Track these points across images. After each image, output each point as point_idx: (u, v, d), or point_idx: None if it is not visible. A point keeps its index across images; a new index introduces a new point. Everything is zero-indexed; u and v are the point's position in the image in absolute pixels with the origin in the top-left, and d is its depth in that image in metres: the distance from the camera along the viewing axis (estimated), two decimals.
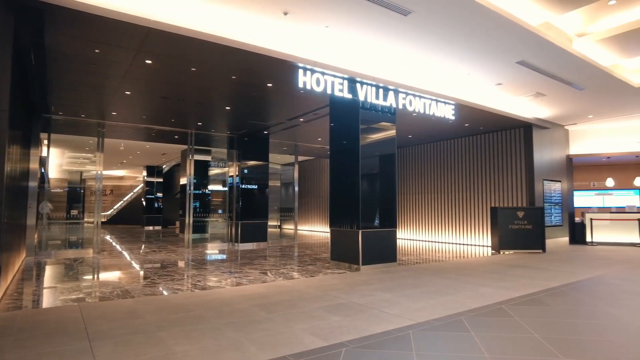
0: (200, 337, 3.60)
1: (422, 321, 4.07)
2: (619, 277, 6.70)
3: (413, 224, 14.51)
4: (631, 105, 10.20)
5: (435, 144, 13.78)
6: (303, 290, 5.59)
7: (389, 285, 5.92)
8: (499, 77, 7.94)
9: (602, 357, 3.11)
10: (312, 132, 11.67)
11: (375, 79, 7.24)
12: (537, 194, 11.11)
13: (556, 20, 6.56)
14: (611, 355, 3.15)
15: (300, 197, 18.45)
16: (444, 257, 9.39)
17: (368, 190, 7.63)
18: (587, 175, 16.29)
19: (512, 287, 5.76)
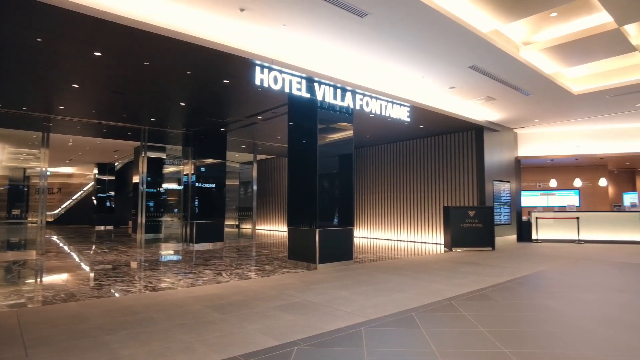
0: (148, 339, 3.48)
1: (375, 318, 4.15)
2: (559, 272, 7.12)
3: (370, 223, 14.76)
4: (571, 111, 10.87)
5: (391, 145, 14.08)
6: (258, 290, 5.54)
7: (345, 283, 5.98)
8: (452, 80, 8.22)
9: (540, 347, 3.29)
10: (271, 131, 11.60)
11: (333, 79, 7.30)
12: (487, 194, 11.61)
13: (504, 28, 6.88)
14: (549, 345, 3.34)
15: (259, 196, 18.29)
16: (399, 255, 9.61)
17: (326, 189, 7.68)
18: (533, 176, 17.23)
19: (462, 284, 5.99)
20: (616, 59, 8.27)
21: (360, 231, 15.08)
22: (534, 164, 16.18)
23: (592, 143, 13.38)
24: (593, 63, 8.55)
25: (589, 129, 13.32)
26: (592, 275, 6.80)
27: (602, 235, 12.56)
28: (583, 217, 12.76)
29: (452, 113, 10.00)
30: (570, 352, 3.18)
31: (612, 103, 10.07)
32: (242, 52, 5.98)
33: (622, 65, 8.60)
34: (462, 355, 3.13)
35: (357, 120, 9.63)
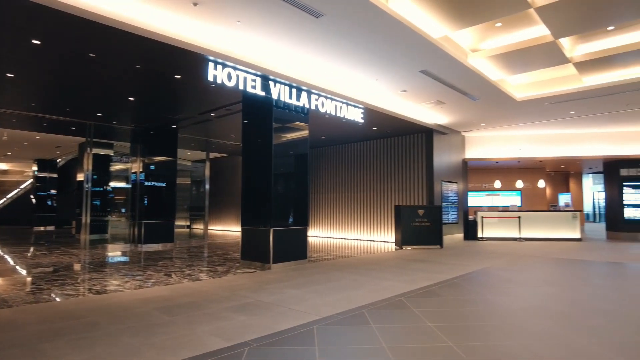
0: (91, 345, 3.32)
1: (327, 315, 4.19)
2: (501, 268, 7.53)
3: (325, 222, 14.88)
4: (514, 116, 11.53)
5: (346, 146, 14.28)
6: (209, 291, 5.43)
7: (298, 282, 6.00)
8: (404, 84, 8.46)
9: (483, 340, 3.46)
10: (225, 128, 11.40)
11: (289, 79, 7.28)
12: (436, 194, 12.06)
13: (454, 35, 7.17)
14: (491, 337, 3.52)
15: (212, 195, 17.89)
16: (352, 254, 9.76)
17: (280, 188, 7.65)
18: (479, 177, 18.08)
19: (412, 281, 6.18)
20: (553, 69, 8.87)
21: (315, 231, 15.16)
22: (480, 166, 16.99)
23: (532, 147, 14.25)
24: (533, 72, 9.12)
25: (529, 134, 14.18)
26: (531, 271, 7.23)
27: (540, 233, 13.42)
28: (524, 216, 13.57)
29: (403, 116, 10.29)
30: (510, 343, 3.37)
31: (549, 110, 10.77)
32: (195, 47, 5.83)
33: (558, 76, 9.23)
34: (410, 350, 3.23)
35: (313, 121, 9.67)
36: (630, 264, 8.16)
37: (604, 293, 5.42)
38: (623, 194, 13.95)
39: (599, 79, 8.88)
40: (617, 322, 4.01)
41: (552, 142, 14.13)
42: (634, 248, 11.05)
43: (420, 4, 5.94)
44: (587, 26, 6.57)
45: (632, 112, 11.00)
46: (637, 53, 7.50)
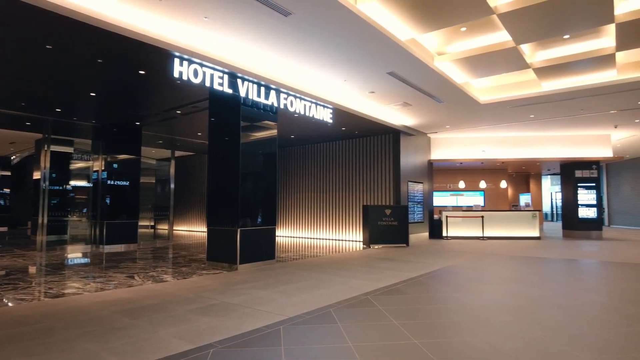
0: (45, 351, 3.16)
1: (294, 315, 4.17)
2: (465, 266, 7.74)
3: (293, 222, 14.85)
4: (478, 119, 11.88)
5: (315, 145, 14.30)
6: (174, 293, 5.29)
7: (266, 283, 5.95)
8: (372, 85, 8.56)
9: (447, 336, 3.54)
10: (192, 126, 11.17)
11: (257, 77, 7.21)
12: (402, 194, 12.27)
13: (420, 38, 7.31)
14: (454, 334, 3.61)
15: (178, 195, 17.51)
16: (320, 253, 9.78)
17: (248, 188, 7.56)
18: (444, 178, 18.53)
19: (378, 279, 6.26)
20: (515, 74, 9.21)
21: (284, 230, 15.10)
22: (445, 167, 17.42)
23: (495, 149, 14.75)
24: (496, 76, 9.45)
25: (492, 136, 14.66)
26: (493, 269, 7.48)
27: (503, 232, 13.90)
28: (487, 216, 14.01)
29: (372, 117, 10.40)
30: (472, 339, 3.46)
31: (511, 113, 11.17)
32: (160, 42, 5.67)
33: (519, 80, 9.59)
34: (376, 348, 3.26)
35: (282, 120, 9.62)
36: (584, 260, 8.58)
37: (559, 288, 5.66)
38: (578, 194, 14.65)
39: (557, 85, 9.28)
40: (571, 316, 4.20)
41: (514, 144, 14.68)
42: (587, 245, 11.63)
43: (388, 6, 6.02)
44: (545, 34, 6.86)
45: (586, 117, 11.57)
46: (589, 61, 7.89)
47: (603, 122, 12.40)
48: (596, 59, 7.84)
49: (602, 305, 4.75)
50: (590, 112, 11.01)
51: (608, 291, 5.58)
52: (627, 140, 15.12)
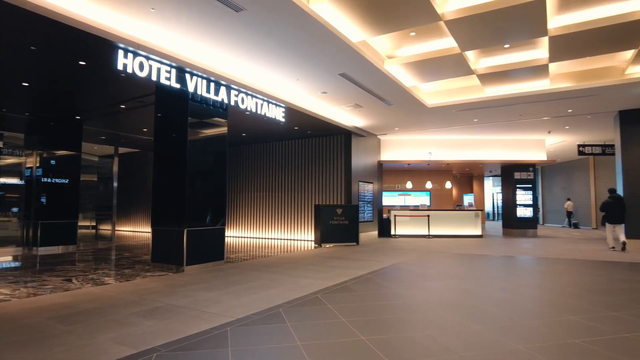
0: None
1: (242, 317, 4.10)
2: (412, 263, 7.98)
3: (244, 222, 14.63)
4: (425, 121, 12.31)
5: (268, 144, 14.18)
6: (115, 297, 5.04)
7: (213, 284, 5.81)
8: (325, 86, 8.61)
9: (393, 332, 3.63)
10: (137, 122, 10.69)
11: (207, 72, 7.02)
12: (353, 194, 12.46)
13: (371, 41, 7.46)
14: (401, 330, 3.71)
15: (121, 193, 16.70)
16: (271, 253, 9.70)
17: (196, 187, 7.34)
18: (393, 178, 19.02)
19: (328, 277, 6.31)
20: (460, 79, 9.63)
21: (234, 231, 14.84)
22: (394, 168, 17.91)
23: (441, 151, 15.35)
24: (443, 81, 9.83)
25: (439, 139, 15.25)
26: (437, 266, 7.77)
27: (447, 230, 14.51)
28: (432, 215, 14.56)
29: (324, 117, 10.48)
30: (417, 334, 3.58)
31: (456, 117, 11.68)
32: (102, 32, 5.37)
33: (464, 86, 10.04)
34: (324, 346, 3.28)
35: (233, 117, 9.46)
36: (521, 257, 9.14)
37: (498, 284, 5.99)
38: (516, 195, 15.59)
39: (498, 91, 9.82)
40: (507, 309, 4.46)
41: (458, 147, 15.35)
42: (524, 243, 12.40)
43: (339, 7, 6.08)
44: (488, 42, 7.23)
45: (524, 122, 12.34)
46: (526, 70, 8.42)
47: (538, 128, 13.28)
48: (532, 69, 8.37)
49: (535, 298, 5.07)
50: (527, 117, 11.74)
51: (541, 285, 5.97)
52: (559, 145, 16.29)
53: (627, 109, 10.77)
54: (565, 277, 6.54)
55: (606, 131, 13.22)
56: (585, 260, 8.41)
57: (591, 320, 4.00)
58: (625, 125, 10.88)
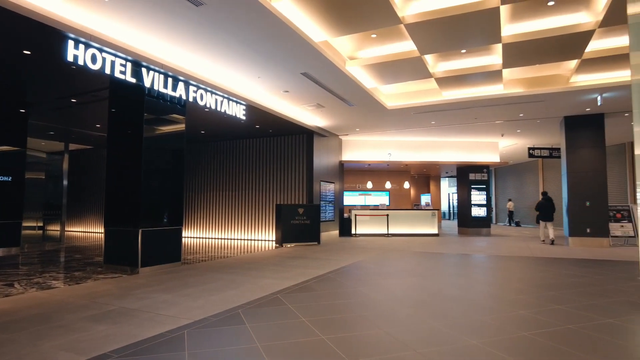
0: None
1: (199, 319, 4.00)
2: (371, 262, 8.10)
3: (204, 222, 14.30)
4: (385, 123, 12.54)
5: (228, 142, 13.93)
6: (64, 301, 4.77)
7: (170, 286, 5.63)
8: (286, 84, 8.57)
9: (353, 330, 3.66)
10: (89, 117, 10.18)
11: (165, 67, 6.80)
12: (315, 193, 12.49)
13: (333, 41, 7.49)
14: (360, 327, 3.74)
15: (72, 192, 15.88)
16: (231, 254, 9.54)
17: (152, 185, 7.09)
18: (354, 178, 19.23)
19: (289, 277, 6.27)
20: (419, 82, 9.87)
21: (192, 231, 14.47)
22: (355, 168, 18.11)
23: (400, 152, 15.69)
24: (402, 84, 10.04)
25: (398, 140, 15.58)
26: (396, 264, 7.92)
27: (405, 229, 14.84)
28: (391, 214, 14.85)
29: (286, 116, 10.42)
30: (376, 332, 3.62)
31: (415, 119, 11.97)
32: (50, 20, 5.06)
33: (423, 89, 10.31)
34: (283, 346, 3.25)
35: (192, 114, 9.23)
36: (475, 255, 9.50)
37: (453, 281, 6.19)
38: (471, 195, 16.19)
39: (455, 95, 10.15)
40: (463, 305, 4.61)
41: (417, 148, 15.75)
42: (479, 242, 12.90)
43: (302, 7, 6.06)
44: (446, 47, 7.45)
45: (479, 125, 12.83)
46: (481, 75, 8.76)
47: (492, 131, 13.85)
48: (487, 74, 8.72)
49: (488, 294, 5.28)
50: (482, 121, 12.22)
51: (494, 281, 6.23)
52: (511, 147, 17.08)
53: (572, 115, 11.45)
54: (516, 274, 6.86)
55: (553, 135, 14.00)
56: (534, 257, 8.86)
57: (539, 314, 4.21)
58: (570, 130, 11.57)
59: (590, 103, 10.12)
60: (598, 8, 6.37)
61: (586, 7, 6.44)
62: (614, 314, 4.21)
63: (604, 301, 4.79)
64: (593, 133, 11.31)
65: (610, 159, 15.20)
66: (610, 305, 4.61)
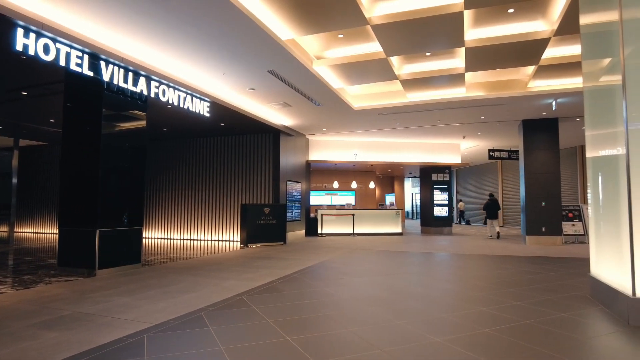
0: None
1: (160, 322, 3.86)
2: (337, 261, 8.11)
3: (167, 223, 13.88)
4: (352, 123, 12.62)
5: (192, 140, 13.60)
6: (10, 307, 4.47)
7: (129, 289, 5.41)
8: (252, 82, 8.44)
9: (319, 330, 3.63)
10: (43, 111, 9.64)
11: (125, 60, 6.52)
12: (281, 193, 12.40)
13: (300, 40, 7.45)
14: (326, 327, 3.72)
15: (23, 191, 15.03)
16: (194, 255, 9.31)
17: (110, 184, 6.80)
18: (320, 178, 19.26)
19: (254, 278, 6.18)
20: (384, 84, 10.00)
21: (155, 232, 14.02)
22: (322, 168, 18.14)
23: (366, 153, 15.84)
24: (368, 85, 10.13)
25: (364, 141, 15.73)
26: (361, 263, 7.97)
27: (371, 229, 15.01)
28: (357, 214, 14.98)
29: (252, 114, 10.28)
30: (342, 331, 3.61)
31: (380, 120, 12.11)
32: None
33: (388, 90, 10.44)
34: (248, 349, 3.18)
35: (154, 110, 8.94)
36: (438, 253, 9.72)
37: (417, 279, 6.29)
38: (434, 195, 16.58)
39: (419, 97, 10.35)
40: (427, 303, 4.69)
41: (382, 149, 15.96)
42: (440, 240, 13.22)
43: (269, 4, 5.98)
44: (411, 49, 7.58)
45: (442, 127, 13.15)
46: (445, 78, 8.97)
47: (455, 133, 14.24)
48: (450, 77, 8.94)
49: (450, 291, 5.40)
50: (445, 123, 12.53)
51: (455, 279, 6.38)
52: (472, 149, 17.63)
53: (529, 119, 11.94)
54: (476, 272, 7.06)
55: (512, 138, 14.56)
56: (494, 256, 9.16)
57: (498, 310, 4.34)
58: (527, 133, 12.06)
59: (546, 108, 10.59)
60: (553, 17, 6.66)
61: (543, 16, 6.72)
62: (566, 309, 4.40)
63: (557, 296, 5.00)
64: (548, 136, 11.84)
65: (563, 162, 16.01)
66: (563, 300, 4.82)
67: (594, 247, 4.92)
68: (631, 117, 3.87)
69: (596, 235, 4.83)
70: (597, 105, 4.82)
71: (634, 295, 3.77)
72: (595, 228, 4.83)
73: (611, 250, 4.37)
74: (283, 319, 3.98)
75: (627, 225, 3.83)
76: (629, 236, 3.81)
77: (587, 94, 5.10)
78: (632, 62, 3.89)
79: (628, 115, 3.88)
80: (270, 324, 3.83)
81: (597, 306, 4.53)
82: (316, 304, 4.63)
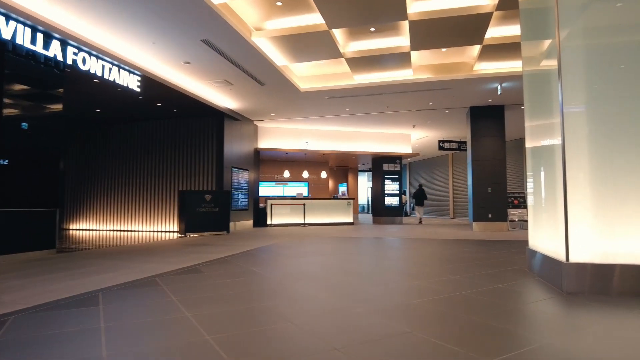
0: None
1: (43, 302, 3.26)
2: (276, 246, 7.65)
3: (102, 213, 12.89)
4: (300, 108, 12.19)
5: (129, 125, 12.69)
6: None
7: (28, 272, 4.73)
8: (186, 54, 7.82)
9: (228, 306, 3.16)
10: None
11: (32, 19, 5.74)
12: (225, 180, 11.78)
13: (235, 5, 6.90)
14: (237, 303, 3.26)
15: None
16: (125, 243, 8.55)
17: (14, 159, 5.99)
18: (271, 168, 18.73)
19: (179, 262, 5.61)
20: (332, 65, 9.65)
21: (88, 223, 12.99)
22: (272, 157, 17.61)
23: (317, 141, 15.49)
24: (315, 66, 9.75)
25: (315, 129, 15.37)
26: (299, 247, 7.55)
27: (322, 219, 14.68)
28: (308, 204, 14.59)
29: (191, 92, 9.62)
30: (253, 305, 3.17)
31: (329, 105, 11.77)
32: None
33: (335, 72, 10.10)
34: (133, 326, 2.67)
35: (82, 88, 8.11)
36: (386, 238, 9.50)
37: (357, 258, 5.97)
38: (385, 185, 16.50)
39: (366, 79, 10.09)
40: (361, 279, 4.34)
41: (333, 138, 15.67)
42: (391, 228, 13.09)
43: None
44: (354, 22, 7.25)
45: (391, 115, 13.01)
46: (391, 57, 8.74)
47: (405, 122, 14.16)
48: (396, 56, 8.71)
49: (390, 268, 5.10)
50: (394, 109, 12.37)
51: (397, 258, 6.11)
52: (423, 140, 17.71)
53: (476, 105, 12.01)
54: (419, 252, 6.85)
55: (461, 129, 14.67)
56: (440, 239, 9.05)
57: (435, 284, 4.06)
58: (474, 120, 12.14)
59: (492, 93, 10.64)
60: None
61: None
62: (503, 280, 4.20)
63: (495, 271, 4.82)
64: (494, 123, 11.96)
65: (510, 152, 16.38)
66: (501, 274, 4.63)
67: (532, 221, 4.78)
68: (567, 97, 3.69)
69: (534, 209, 4.70)
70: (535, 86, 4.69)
71: (567, 260, 3.60)
72: (534, 202, 4.70)
73: (547, 220, 4.21)
74: (190, 297, 3.49)
75: (562, 192, 3.65)
76: (563, 201, 3.62)
77: (527, 77, 4.98)
78: (569, 44, 3.70)
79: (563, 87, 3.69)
80: (174, 301, 3.33)
81: (534, 277, 4.36)
82: (237, 283, 4.17)
